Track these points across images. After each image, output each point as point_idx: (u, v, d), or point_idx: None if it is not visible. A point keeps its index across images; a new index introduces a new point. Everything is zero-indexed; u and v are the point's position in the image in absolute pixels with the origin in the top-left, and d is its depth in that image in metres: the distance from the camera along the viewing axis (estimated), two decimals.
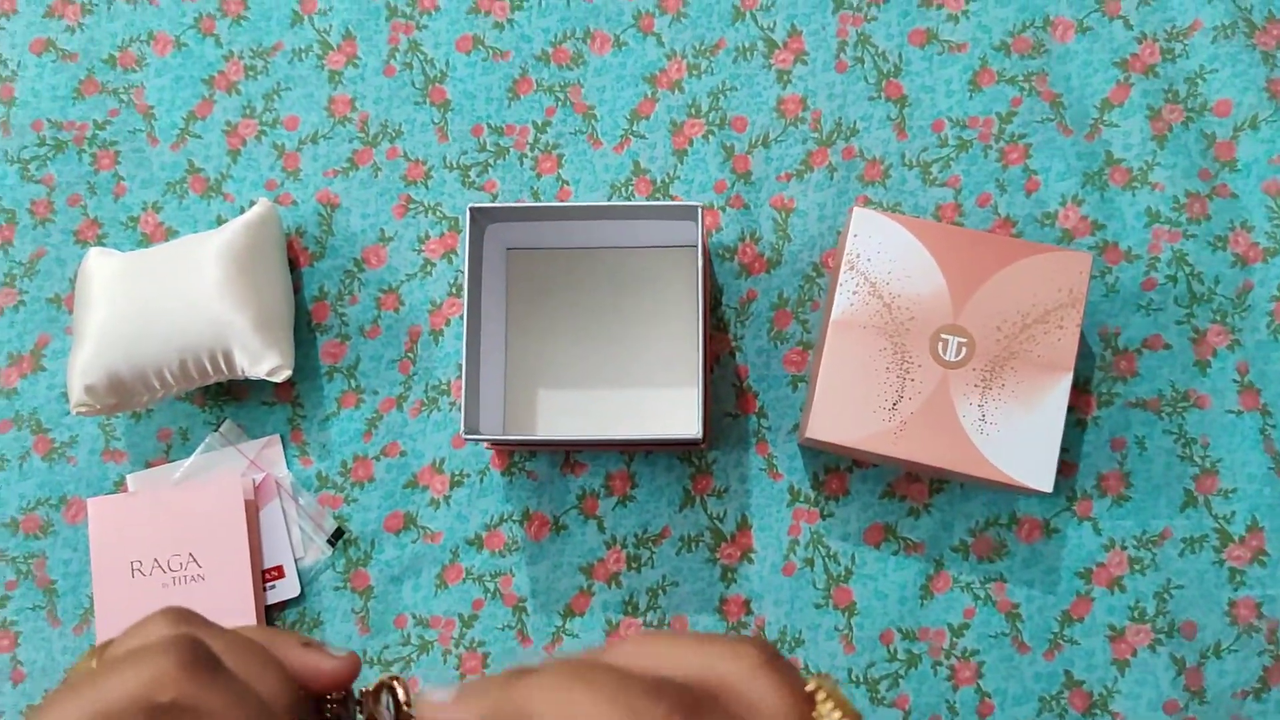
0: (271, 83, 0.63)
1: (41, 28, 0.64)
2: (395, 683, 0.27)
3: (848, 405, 0.51)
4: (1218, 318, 0.56)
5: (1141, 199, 0.57)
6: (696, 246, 0.47)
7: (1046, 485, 0.49)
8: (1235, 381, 0.55)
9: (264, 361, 0.55)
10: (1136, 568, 0.54)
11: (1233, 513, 0.54)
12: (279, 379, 0.56)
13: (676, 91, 0.60)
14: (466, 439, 0.49)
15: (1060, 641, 0.54)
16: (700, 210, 0.50)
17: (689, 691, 0.19)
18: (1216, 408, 0.55)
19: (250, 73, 0.63)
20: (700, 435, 0.49)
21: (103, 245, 0.62)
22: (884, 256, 0.52)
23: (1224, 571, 0.54)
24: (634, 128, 0.60)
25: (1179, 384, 0.56)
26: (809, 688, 0.21)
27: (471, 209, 0.51)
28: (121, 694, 0.21)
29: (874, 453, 0.50)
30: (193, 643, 0.23)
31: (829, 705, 0.20)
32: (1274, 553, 0.54)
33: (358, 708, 0.27)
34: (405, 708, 0.26)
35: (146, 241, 0.62)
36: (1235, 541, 0.54)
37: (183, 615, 0.25)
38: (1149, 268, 0.57)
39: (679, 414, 0.57)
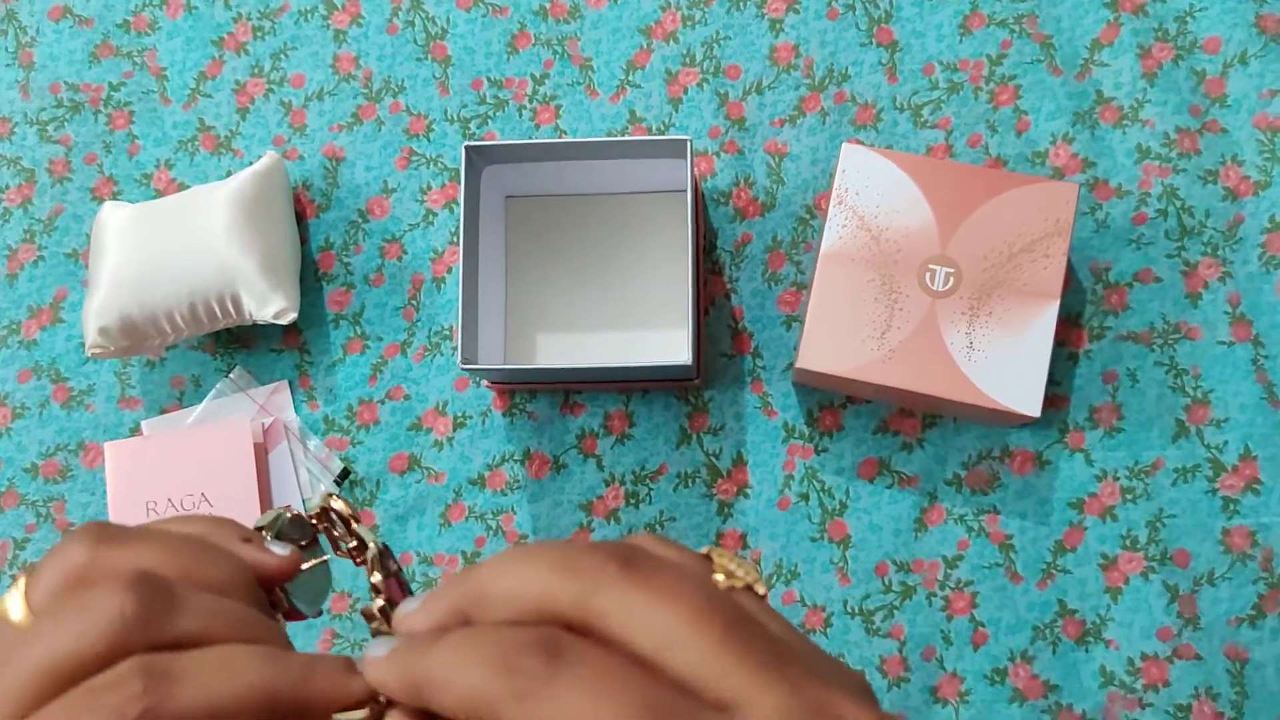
0: (279, 43, 0.65)
1: None
2: (333, 500, 0.27)
3: (838, 336, 0.52)
4: (1208, 250, 0.56)
5: (1132, 136, 0.58)
6: (686, 177, 0.48)
7: (1034, 410, 0.50)
8: (1227, 313, 0.56)
9: (270, 304, 0.57)
10: (1129, 497, 0.55)
11: (1225, 442, 0.55)
12: (284, 321, 0.57)
13: (671, 42, 0.62)
14: (464, 368, 0.50)
15: (1053, 571, 0.55)
16: (689, 143, 0.51)
17: (620, 546, 0.20)
18: (1208, 339, 0.56)
19: (258, 33, 0.65)
20: (691, 363, 0.50)
21: (118, 201, 0.64)
22: (872, 191, 0.52)
23: (1217, 500, 0.54)
24: (630, 78, 0.62)
25: (1170, 316, 0.56)
26: (702, 551, 0.23)
27: (467, 148, 0.53)
28: (82, 651, 0.19)
29: (864, 381, 0.51)
30: (142, 581, 0.20)
31: (724, 558, 0.22)
32: (1267, 481, 0.54)
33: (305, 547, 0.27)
34: (353, 522, 0.27)
35: (160, 197, 0.64)
36: (1228, 471, 0.54)
37: (102, 534, 0.22)
38: (1140, 203, 0.57)
39: (675, 354, 0.58)
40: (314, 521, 0.28)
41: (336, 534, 0.28)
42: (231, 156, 0.64)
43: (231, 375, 0.62)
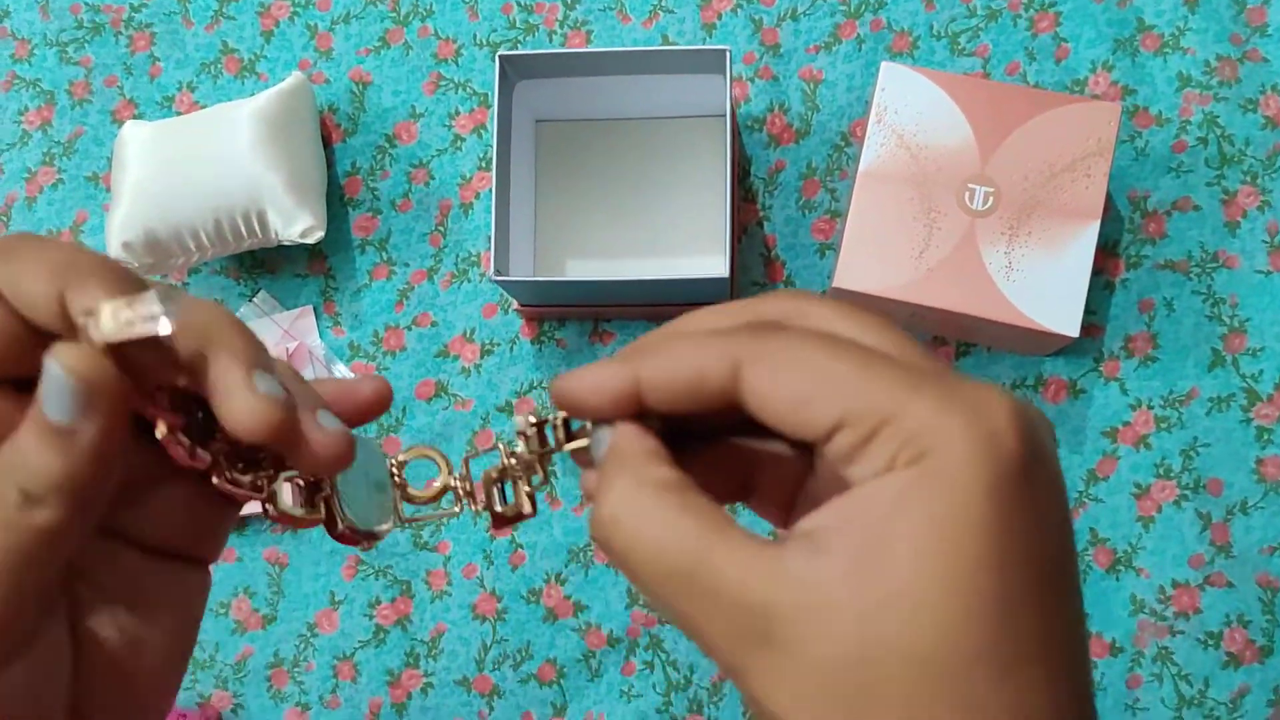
0: None
1: None
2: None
3: (875, 255, 0.51)
4: (1248, 179, 0.56)
5: (1173, 64, 0.57)
6: (722, 96, 0.48)
7: (1074, 330, 0.49)
8: (1265, 242, 0.55)
9: (297, 222, 0.56)
10: (1163, 426, 0.55)
11: (1260, 371, 0.54)
12: (311, 240, 0.56)
13: None
14: (495, 280, 0.50)
15: (1085, 500, 0.55)
16: (728, 54, 0.50)
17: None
18: (1246, 268, 0.55)
19: None
20: (728, 276, 0.50)
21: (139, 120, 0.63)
22: (911, 109, 0.52)
23: (1251, 430, 0.54)
24: (662, 3, 0.61)
25: (1208, 245, 0.55)
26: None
27: (501, 58, 0.52)
28: None
29: (901, 302, 0.51)
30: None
31: None
32: None
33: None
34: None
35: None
36: (1263, 400, 0.54)
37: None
38: (1179, 130, 0.57)
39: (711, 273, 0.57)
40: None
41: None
42: (255, 80, 0.63)
43: (255, 300, 0.61)
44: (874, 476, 0.18)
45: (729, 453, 0.23)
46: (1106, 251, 0.56)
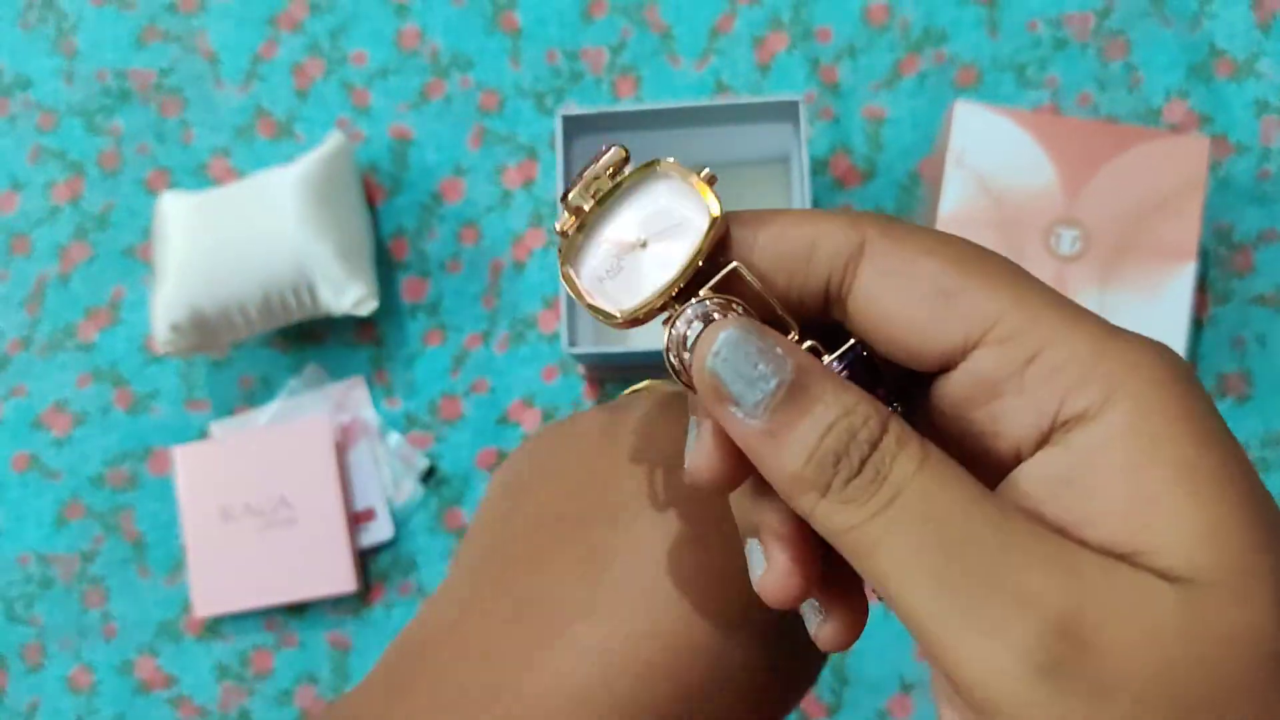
0: (336, 19, 0.61)
1: None
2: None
3: None
4: None
5: (1249, 89, 0.55)
6: (790, 143, 0.46)
7: None
8: None
9: (348, 293, 0.54)
10: (1262, 468, 0.52)
11: None
12: (365, 312, 0.54)
13: (755, 6, 0.59)
14: (570, 353, 0.47)
15: None
16: (801, 104, 0.48)
17: None
18: None
19: (314, 10, 0.61)
20: None
21: (176, 190, 0.61)
22: (990, 150, 0.50)
23: None
24: (714, 45, 0.59)
25: None
26: None
27: (564, 117, 0.50)
28: None
29: None
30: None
31: None
32: None
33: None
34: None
35: (219, 186, 0.61)
36: None
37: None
38: (1261, 159, 0.54)
39: None
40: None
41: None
42: (292, 141, 0.61)
43: (304, 372, 0.59)
44: (1041, 427, 0.15)
45: None
46: (1195, 288, 0.54)
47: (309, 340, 0.59)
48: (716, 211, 0.16)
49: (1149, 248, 0.49)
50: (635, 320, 0.16)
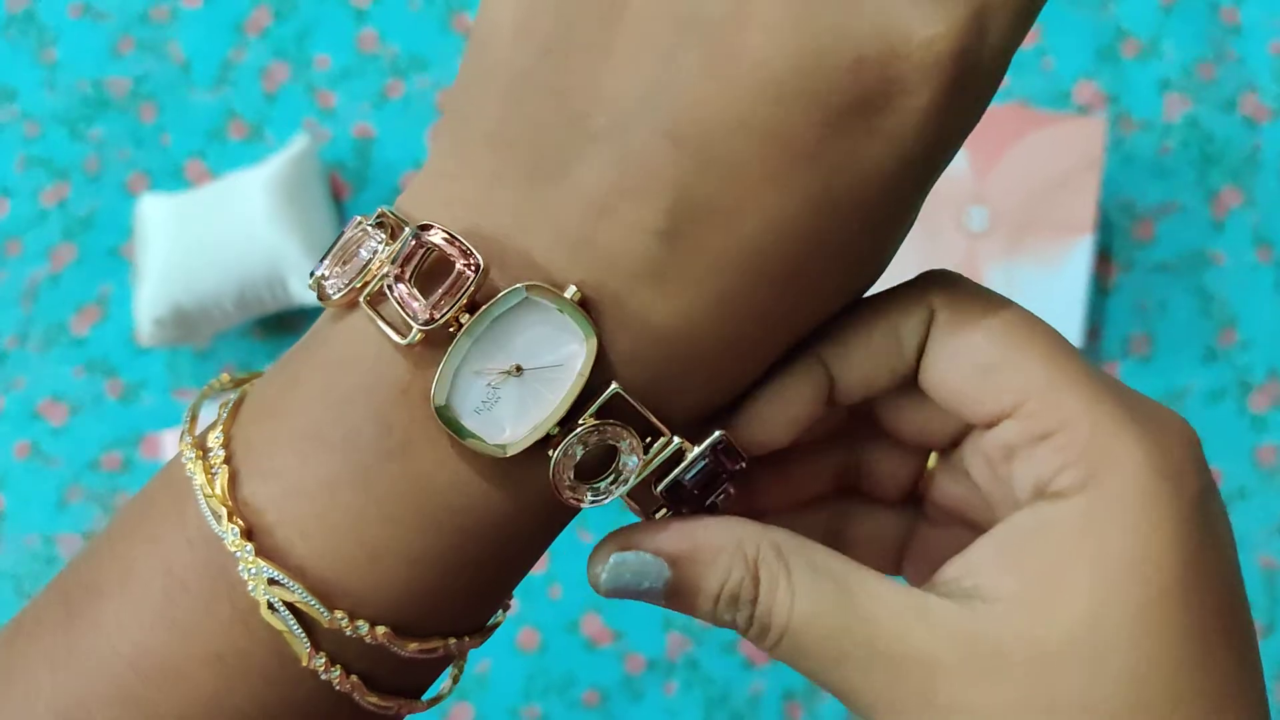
0: (299, 24, 0.65)
1: None
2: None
3: (880, 282, 0.53)
4: (1230, 178, 0.58)
5: (1152, 69, 0.59)
6: None
7: (1074, 342, 0.52)
8: (1250, 237, 0.57)
9: None
10: None
11: (1252, 363, 0.57)
12: None
13: None
14: None
15: None
16: None
17: None
18: (1233, 263, 0.57)
19: (279, 16, 0.65)
20: None
21: (155, 193, 0.65)
22: None
23: (1246, 419, 0.57)
24: None
25: (1196, 244, 0.58)
26: None
27: None
28: None
29: None
30: None
31: None
32: None
33: None
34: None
35: (194, 188, 0.65)
36: (1256, 389, 0.57)
37: None
38: (1163, 135, 0.59)
39: None
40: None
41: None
42: (262, 142, 0.65)
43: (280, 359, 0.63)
44: (1033, 492, 0.17)
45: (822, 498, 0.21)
46: (1101, 257, 0.58)
47: (285, 328, 0.63)
48: (592, 337, 0.16)
49: (1050, 223, 0.53)
50: (520, 451, 0.16)
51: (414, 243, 0.16)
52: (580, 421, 0.16)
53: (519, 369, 0.16)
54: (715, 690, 0.58)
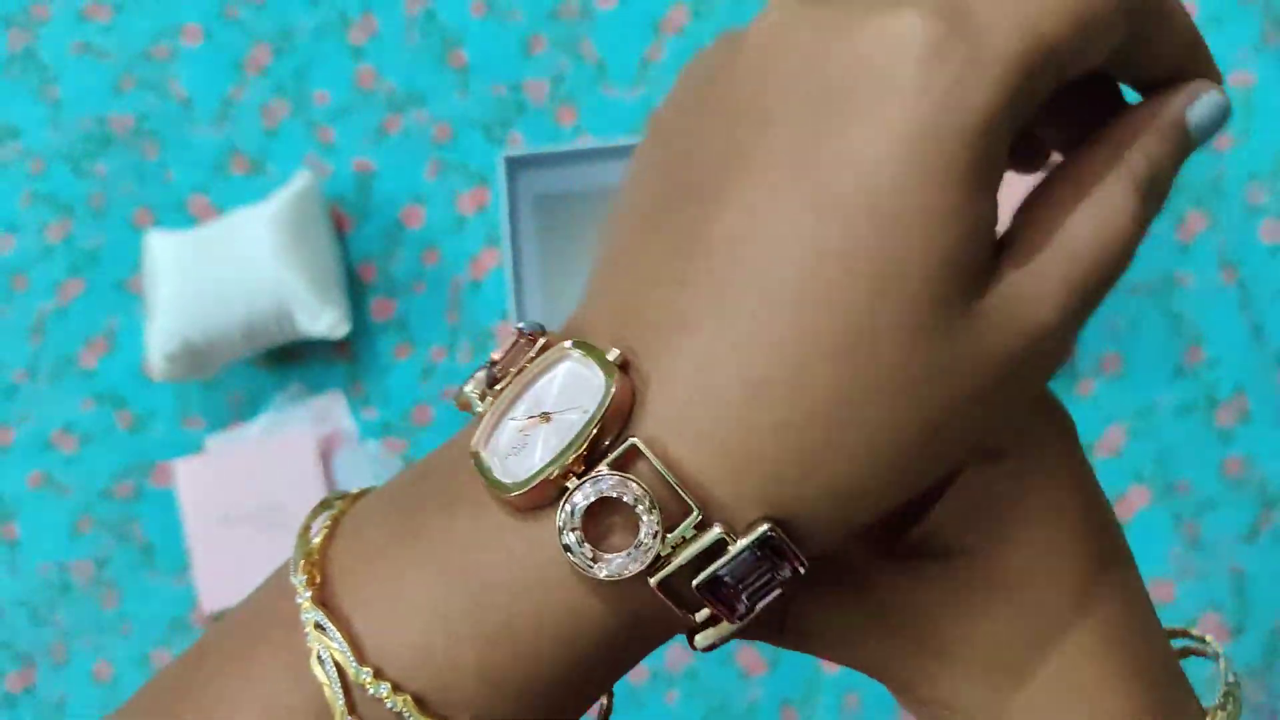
0: (298, 61, 0.67)
1: (77, 30, 0.68)
2: None
3: None
4: (1195, 203, 0.61)
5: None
6: None
7: None
8: (1215, 260, 0.60)
9: (322, 318, 0.60)
10: (1134, 436, 0.60)
11: (1218, 379, 0.60)
12: (338, 335, 0.60)
13: (679, 36, 0.65)
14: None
15: None
16: None
17: None
18: (1199, 285, 0.60)
19: (278, 54, 0.67)
20: None
21: (158, 229, 0.66)
22: None
23: (1213, 432, 0.60)
24: (644, 74, 0.65)
25: (1165, 267, 0.61)
26: None
27: (508, 160, 0.56)
28: None
29: None
30: None
31: None
32: (1257, 411, 0.59)
33: None
34: None
35: (198, 222, 0.66)
36: (1222, 404, 0.60)
37: None
38: None
39: None
40: None
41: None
42: (264, 176, 0.66)
43: (288, 388, 0.65)
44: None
45: None
46: None
47: (291, 359, 0.65)
48: (611, 383, 0.15)
49: None
50: (529, 493, 0.16)
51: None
52: (595, 472, 0.15)
53: (548, 417, 0.16)
54: (715, 699, 0.61)
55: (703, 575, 0.16)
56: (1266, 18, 0.61)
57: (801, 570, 0.16)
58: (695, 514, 0.15)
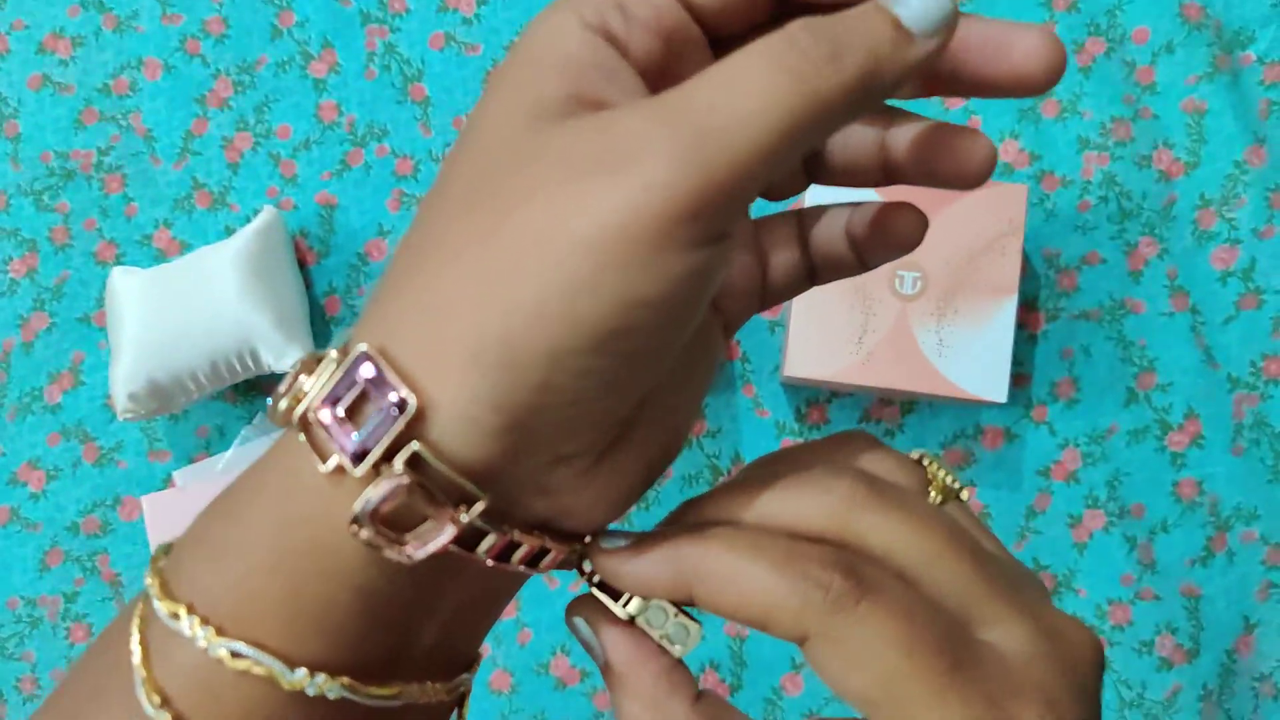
0: (260, 96, 0.67)
1: (36, 64, 0.68)
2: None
3: (819, 344, 0.56)
4: (1146, 230, 0.62)
5: (1072, 127, 0.62)
6: None
7: (1000, 396, 0.55)
8: (1166, 286, 0.61)
9: (287, 356, 0.61)
10: (1089, 461, 0.61)
11: (1170, 404, 0.61)
12: None
13: None
14: None
15: (1026, 533, 0.61)
16: None
17: (853, 465, 0.21)
18: (1150, 311, 0.61)
19: (239, 88, 0.67)
20: None
21: (122, 264, 0.67)
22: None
23: (1166, 456, 0.61)
24: None
25: (1116, 294, 0.61)
26: (913, 456, 0.23)
27: None
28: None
29: (846, 383, 0.56)
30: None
31: (936, 468, 0.22)
32: (1209, 436, 0.60)
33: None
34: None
35: (162, 257, 0.67)
36: (1174, 429, 0.61)
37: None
38: (1083, 191, 0.62)
39: None
40: None
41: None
42: (228, 210, 0.67)
43: (254, 422, 0.65)
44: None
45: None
46: (1028, 307, 0.62)
47: (258, 392, 0.66)
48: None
49: (977, 284, 0.56)
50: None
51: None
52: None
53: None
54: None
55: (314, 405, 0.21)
56: (1218, 45, 0.62)
57: (409, 401, 0.19)
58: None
